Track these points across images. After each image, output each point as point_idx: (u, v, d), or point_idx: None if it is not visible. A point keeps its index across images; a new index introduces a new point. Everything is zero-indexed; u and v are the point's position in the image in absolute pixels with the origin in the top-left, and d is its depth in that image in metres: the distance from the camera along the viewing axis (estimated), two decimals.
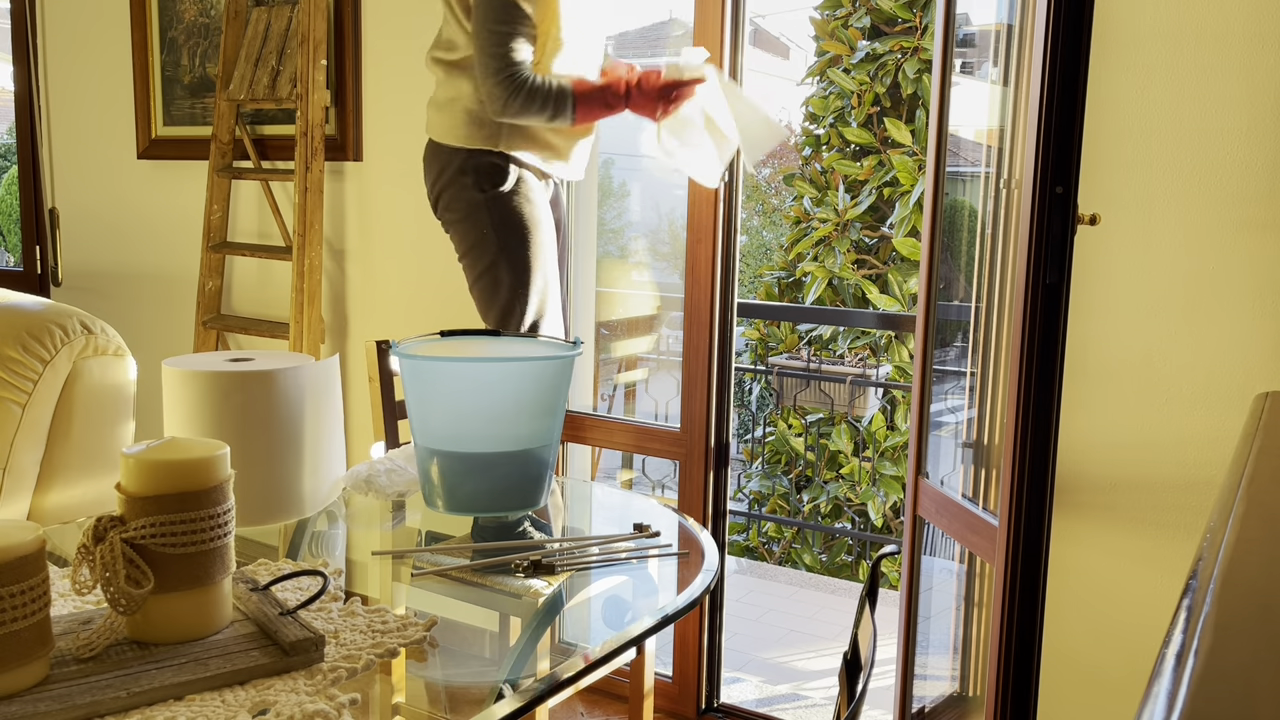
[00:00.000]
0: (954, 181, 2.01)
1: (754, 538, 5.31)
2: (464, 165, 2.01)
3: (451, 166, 2.02)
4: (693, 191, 2.30)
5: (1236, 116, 1.74)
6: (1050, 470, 1.55)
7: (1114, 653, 1.92)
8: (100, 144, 3.29)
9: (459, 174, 2.01)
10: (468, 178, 2.01)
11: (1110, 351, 1.88)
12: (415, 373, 1.44)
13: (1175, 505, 1.84)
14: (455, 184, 2.02)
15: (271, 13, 2.80)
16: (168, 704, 0.93)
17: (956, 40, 1.95)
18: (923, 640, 2.07)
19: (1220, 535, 0.75)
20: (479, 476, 1.45)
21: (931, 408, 2.01)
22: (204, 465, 1.02)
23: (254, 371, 1.42)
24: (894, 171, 5.08)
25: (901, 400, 5.04)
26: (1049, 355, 1.52)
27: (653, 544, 1.40)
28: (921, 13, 5.05)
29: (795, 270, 5.45)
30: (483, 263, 2.02)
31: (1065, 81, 1.46)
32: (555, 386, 1.46)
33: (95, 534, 0.99)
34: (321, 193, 2.69)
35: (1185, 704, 0.47)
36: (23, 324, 1.97)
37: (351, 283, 2.85)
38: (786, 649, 3.23)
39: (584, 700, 2.48)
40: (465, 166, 2.00)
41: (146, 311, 3.26)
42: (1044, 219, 1.49)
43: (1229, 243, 1.77)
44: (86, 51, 3.27)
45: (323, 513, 1.54)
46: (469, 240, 2.03)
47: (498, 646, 1.28)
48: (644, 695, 1.67)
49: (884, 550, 1.32)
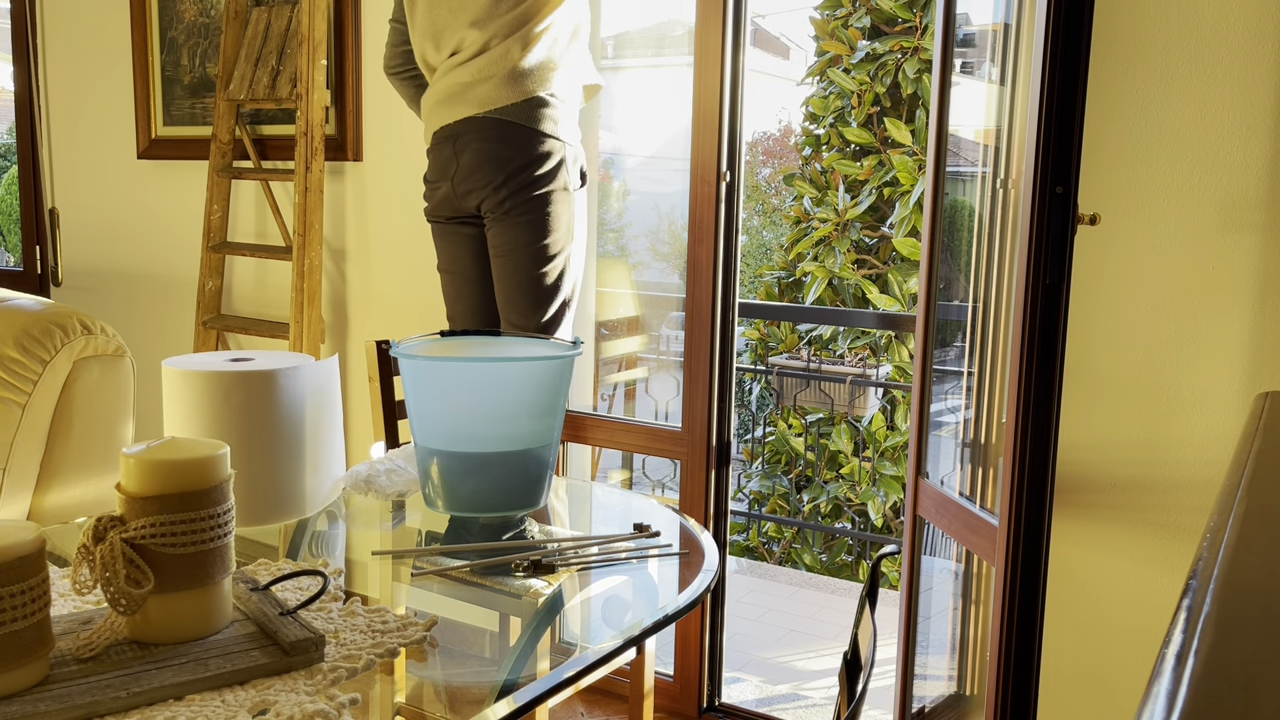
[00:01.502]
0: (954, 181, 2.01)
1: (754, 538, 5.31)
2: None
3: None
4: (693, 192, 2.30)
5: (1236, 116, 1.74)
6: (1050, 470, 1.55)
7: (1114, 653, 1.92)
8: (100, 144, 3.29)
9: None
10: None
11: (1110, 351, 1.88)
12: (415, 373, 1.44)
13: (1175, 505, 1.84)
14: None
15: (271, 13, 2.81)
16: (168, 704, 0.93)
17: (956, 40, 1.95)
18: (923, 640, 2.07)
19: (1220, 535, 0.75)
20: (479, 476, 1.45)
21: (931, 408, 2.01)
22: (204, 465, 1.02)
23: (254, 371, 1.42)
24: (894, 171, 5.08)
25: (901, 400, 5.04)
26: (1049, 355, 1.52)
27: (653, 544, 1.40)
28: (921, 13, 5.05)
29: (795, 270, 5.45)
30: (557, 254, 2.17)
31: (1065, 81, 1.46)
32: (555, 386, 1.46)
33: (95, 534, 0.99)
34: (321, 193, 2.69)
35: (1185, 704, 0.47)
36: (23, 324, 1.97)
37: (351, 283, 2.85)
38: (786, 649, 3.23)
39: (584, 700, 2.48)
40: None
41: (146, 311, 3.26)
42: (1044, 219, 1.49)
43: (1229, 243, 1.77)
44: (86, 51, 3.27)
45: (323, 513, 1.54)
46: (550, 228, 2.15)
47: (498, 646, 1.28)
48: (644, 695, 1.67)
49: (884, 550, 1.32)
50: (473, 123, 2.10)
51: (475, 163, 2.09)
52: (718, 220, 2.29)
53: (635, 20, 5.14)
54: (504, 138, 2.08)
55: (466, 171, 2.11)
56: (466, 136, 2.11)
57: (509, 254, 2.13)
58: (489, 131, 2.08)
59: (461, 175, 2.12)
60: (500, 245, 2.13)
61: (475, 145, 2.09)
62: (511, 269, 2.13)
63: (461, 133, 2.12)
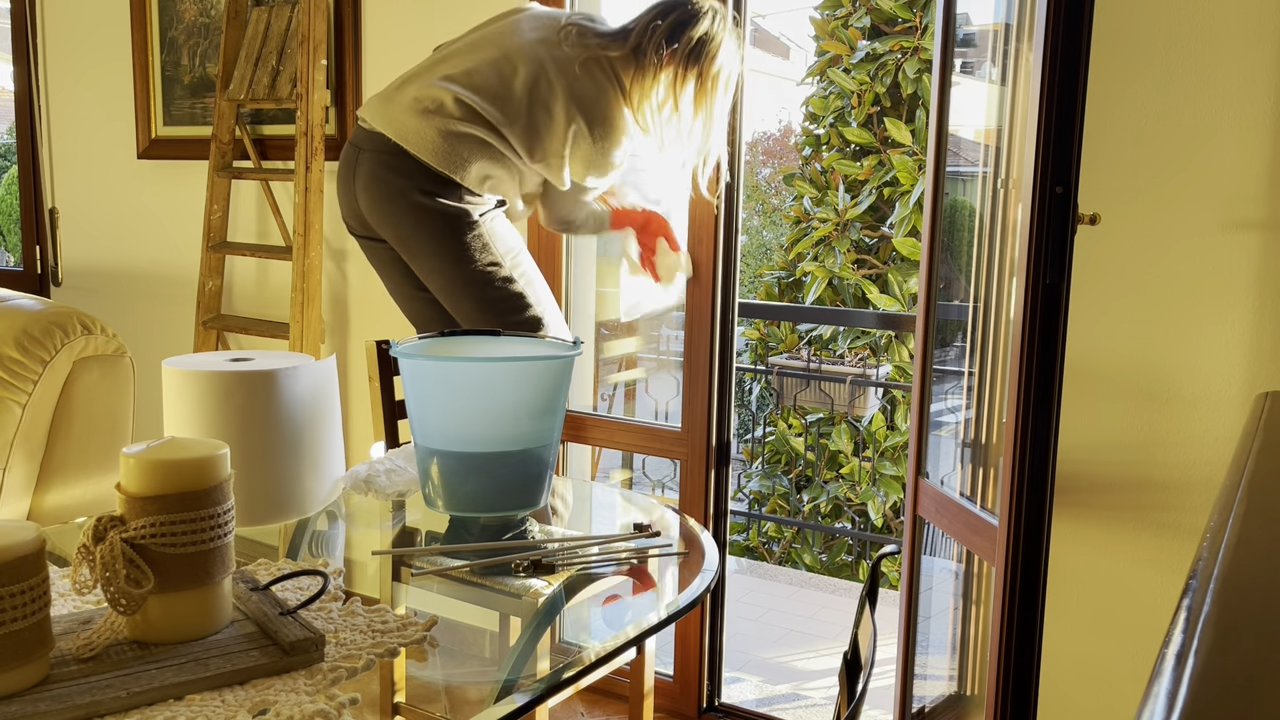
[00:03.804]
0: (954, 181, 2.01)
1: (754, 538, 5.31)
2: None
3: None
4: (693, 191, 2.30)
5: (1236, 116, 1.74)
6: (1050, 470, 1.55)
7: (1114, 653, 1.92)
8: (100, 144, 3.29)
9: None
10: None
11: (1110, 351, 1.88)
12: (415, 373, 1.44)
13: (1175, 505, 1.84)
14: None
15: (271, 13, 2.81)
16: (168, 704, 0.93)
17: (956, 40, 1.95)
18: (923, 640, 2.07)
19: (1220, 535, 0.75)
20: (479, 476, 1.45)
21: (931, 408, 2.01)
22: (204, 465, 1.02)
23: (254, 371, 1.42)
24: (894, 171, 5.08)
25: (901, 400, 5.04)
26: (1049, 355, 1.52)
27: (653, 544, 1.40)
28: (921, 13, 5.05)
29: (795, 270, 5.45)
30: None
31: (1065, 81, 1.46)
32: (555, 386, 1.46)
33: (95, 534, 0.99)
34: (321, 193, 2.69)
35: (1185, 704, 0.47)
36: (23, 324, 1.97)
37: (351, 283, 2.85)
38: (786, 649, 3.23)
39: (584, 700, 2.48)
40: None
41: (146, 311, 3.26)
42: (1044, 219, 1.49)
43: (1229, 242, 1.77)
44: (86, 51, 3.27)
45: (323, 513, 1.54)
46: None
47: (498, 646, 1.28)
48: (644, 695, 1.67)
49: (884, 550, 1.32)
50: (377, 140, 1.95)
51: (368, 185, 1.97)
52: (717, 220, 2.29)
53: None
54: (400, 168, 1.93)
55: (363, 192, 1.99)
56: (367, 154, 1.97)
57: (432, 284, 2.00)
58: (389, 159, 1.93)
59: (360, 193, 2.00)
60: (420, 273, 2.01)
61: (369, 168, 1.97)
62: (450, 299, 1.99)
63: (365, 147, 1.98)
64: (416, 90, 1.96)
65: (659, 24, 1.95)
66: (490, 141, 1.93)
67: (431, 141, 1.91)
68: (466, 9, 2.54)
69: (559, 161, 1.97)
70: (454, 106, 1.93)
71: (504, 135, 1.93)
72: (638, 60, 1.95)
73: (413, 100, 1.95)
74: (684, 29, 1.96)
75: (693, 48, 1.95)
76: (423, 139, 1.91)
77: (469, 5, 2.53)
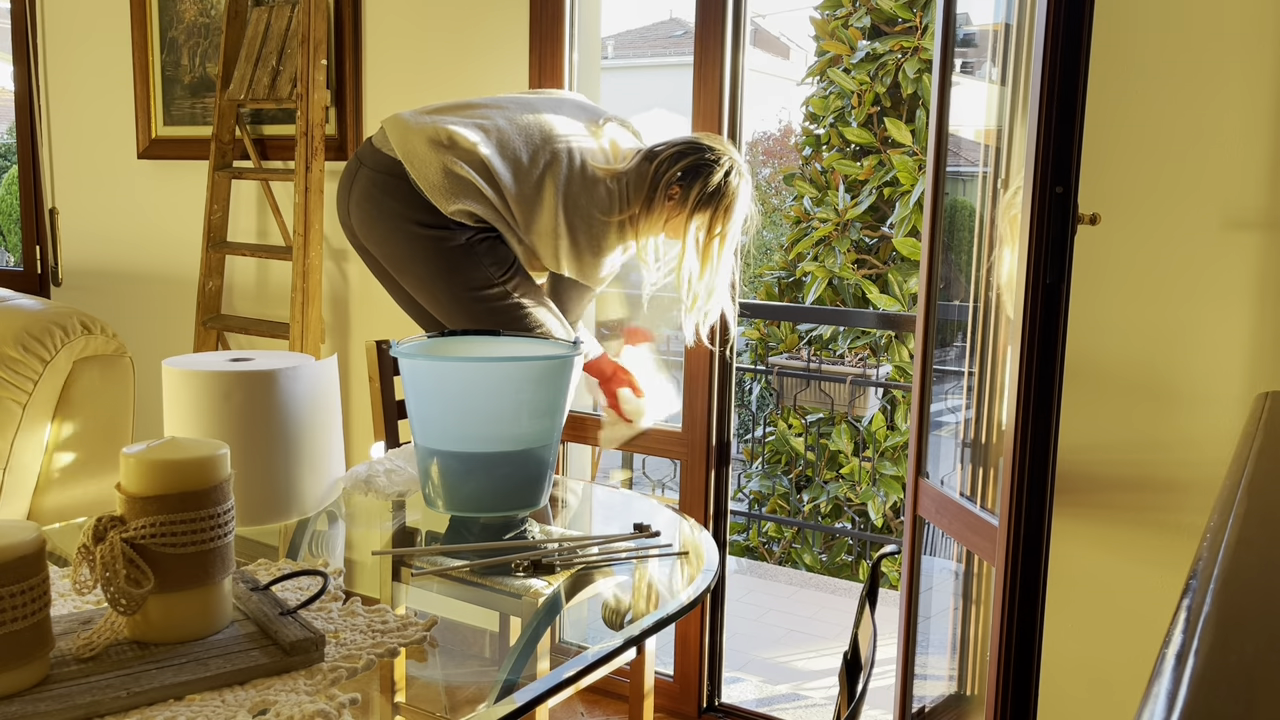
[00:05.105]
0: (954, 181, 2.01)
1: (754, 538, 5.31)
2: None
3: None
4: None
5: (1236, 116, 1.74)
6: (1050, 470, 1.55)
7: (1114, 652, 1.92)
8: (100, 144, 3.29)
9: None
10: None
11: (1110, 351, 1.88)
12: (415, 373, 1.44)
13: (1175, 505, 1.84)
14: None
15: (271, 12, 2.80)
16: (168, 704, 0.93)
17: (956, 40, 1.95)
18: (923, 640, 2.07)
19: (1220, 535, 0.75)
20: (479, 476, 1.45)
21: (931, 408, 2.01)
22: (204, 465, 1.02)
23: (254, 371, 1.42)
24: (894, 171, 5.08)
25: (901, 400, 5.04)
26: (1049, 355, 1.52)
27: (653, 544, 1.40)
28: (921, 13, 5.05)
29: (795, 270, 5.45)
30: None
31: (1065, 81, 1.46)
32: (555, 386, 1.46)
33: (95, 534, 0.99)
34: (321, 193, 2.69)
35: (1185, 704, 0.47)
36: (23, 324, 1.97)
37: (352, 283, 2.85)
38: (786, 649, 3.24)
39: (584, 700, 2.48)
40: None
41: (146, 311, 3.26)
42: (1044, 219, 1.49)
43: (1229, 242, 1.77)
44: (86, 51, 3.27)
45: (323, 513, 1.54)
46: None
47: (498, 646, 1.28)
48: (644, 695, 1.67)
49: (884, 550, 1.32)
50: (379, 159, 1.93)
51: (360, 202, 1.95)
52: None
53: (635, 20, 5.14)
54: (395, 191, 1.90)
55: (356, 207, 1.97)
56: (366, 170, 1.94)
57: (425, 301, 1.97)
58: (385, 180, 1.91)
59: (353, 208, 1.98)
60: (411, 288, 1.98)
61: (364, 186, 1.94)
62: (444, 315, 1.96)
63: (366, 163, 1.95)
64: (441, 126, 1.92)
65: (675, 168, 1.94)
66: (491, 201, 1.91)
67: (433, 173, 1.87)
68: (467, 9, 2.54)
69: (550, 242, 1.95)
70: (468, 149, 1.89)
71: (508, 203, 1.91)
72: (649, 198, 1.94)
73: (433, 131, 1.90)
74: (698, 176, 1.94)
75: (704, 197, 1.95)
76: (427, 168, 1.88)
77: (469, 5, 2.53)
